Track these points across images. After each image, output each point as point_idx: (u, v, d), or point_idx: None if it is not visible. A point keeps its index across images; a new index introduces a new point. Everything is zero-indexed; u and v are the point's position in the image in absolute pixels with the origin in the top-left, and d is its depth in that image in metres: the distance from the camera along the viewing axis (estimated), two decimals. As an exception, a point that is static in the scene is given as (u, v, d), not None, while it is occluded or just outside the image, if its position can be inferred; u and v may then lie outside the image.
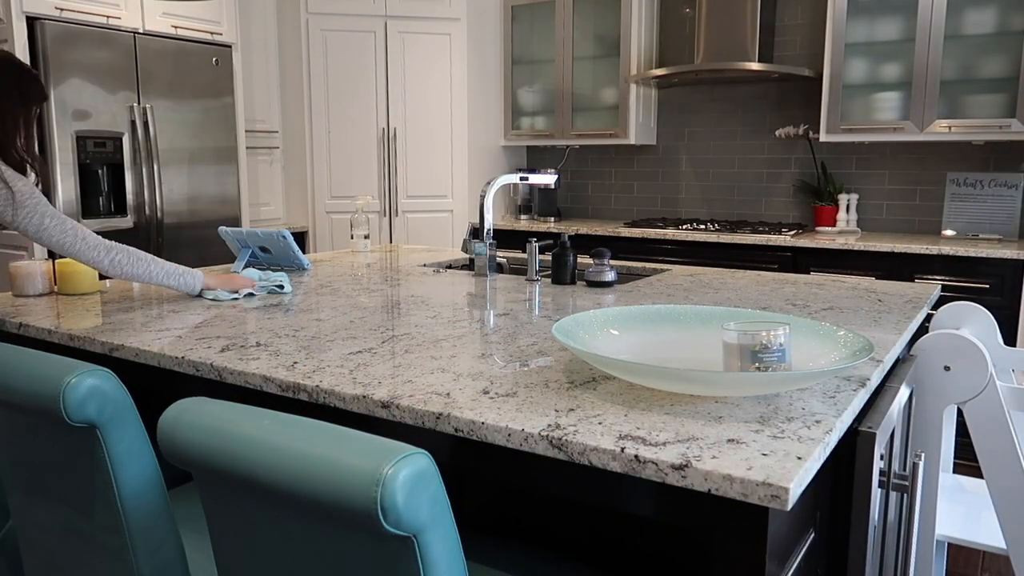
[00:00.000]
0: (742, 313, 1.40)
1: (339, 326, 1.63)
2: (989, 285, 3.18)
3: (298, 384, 1.23)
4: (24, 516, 1.30)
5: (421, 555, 0.81)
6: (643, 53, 4.27)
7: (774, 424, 1.03)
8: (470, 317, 1.74)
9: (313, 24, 4.20)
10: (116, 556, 1.16)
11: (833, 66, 3.63)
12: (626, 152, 4.62)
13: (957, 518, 1.93)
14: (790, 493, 0.84)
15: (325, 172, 4.34)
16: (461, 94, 4.41)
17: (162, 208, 3.71)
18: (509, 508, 1.51)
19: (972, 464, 3.01)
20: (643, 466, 0.92)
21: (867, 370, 1.28)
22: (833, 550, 1.25)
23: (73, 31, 3.31)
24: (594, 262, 2.14)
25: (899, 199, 3.85)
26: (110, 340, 1.52)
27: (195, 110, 3.83)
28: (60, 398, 1.06)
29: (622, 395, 1.15)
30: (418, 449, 0.81)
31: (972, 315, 1.98)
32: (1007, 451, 1.70)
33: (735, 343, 1.15)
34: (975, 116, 3.39)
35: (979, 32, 3.35)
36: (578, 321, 1.34)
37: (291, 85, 4.34)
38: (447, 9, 4.31)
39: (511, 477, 1.06)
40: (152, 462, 1.15)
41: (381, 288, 2.14)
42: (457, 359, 1.36)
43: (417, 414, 1.10)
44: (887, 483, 1.36)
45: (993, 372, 1.71)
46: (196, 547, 1.34)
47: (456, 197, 4.49)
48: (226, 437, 0.90)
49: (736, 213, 4.31)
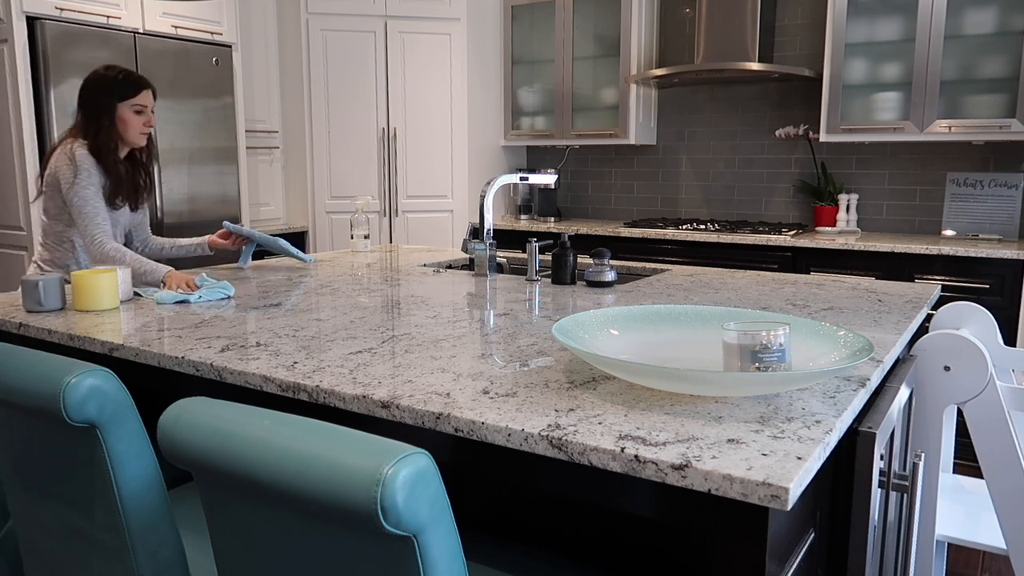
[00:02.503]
0: (742, 313, 1.40)
1: (339, 326, 1.63)
2: (989, 285, 3.18)
3: (298, 384, 1.23)
4: (24, 516, 1.30)
5: (421, 555, 0.81)
6: (643, 53, 4.27)
7: (774, 424, 1.03)
8: (470, 317, 1.74)
9: (313, 24, 4.20)
10: (116, 556, 1.16)
11: (833, 66, 3.63)
12: (626, 152, 4.62)
13: (957, 518, 1.93)
14: (790, 493, 0.84)
15: (325, 172, 4.34)
16: (461, 94, 4.41)
17: (162, 208, 3.71)
18: (509, 508, 1.51)
19: (972, 464, 3.01)
20: (643, 466, 0.92)
21: (867, 370, 1.28)
22: (833, 550, 1.25)
23: (73, 31, 3.31)
24: (594, 262, 2.14)
25: (899, 199, 3.85)
26: (110, 340, 1.52)
27: (195, 110, 3.83)
28: (60, 398, 1.06)
29: (622, 395, 1.15)
30: (418, 449, 0.81)
31: (972, 315, 1.98)
32: (1007, 451, 1.70)
33: (735, 343, 1.15)
34: (975, 116, 3.39)
35: (979, 32, 3.35)
36: (578, 321, 1.34)
37: (291, 85, 4.34)
38: (447, 9, 4.31)
39: (511, 477, 1.06)
40: (152, 462, 1.15)
41: (381, 288, 2.14)
42: (457, 359, 1.36)
43: (417, 414, 1.10)
44: (887, 483, 1.36)
45: (993, 372, 1.71)
46: (196, 547, 1.34)
47: (456, 197, 4.49)
48: (226, 437, 0.90)
49: (736, 213, 4.31)
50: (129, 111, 2.25)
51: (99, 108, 2.23)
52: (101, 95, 2.23)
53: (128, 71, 2.27)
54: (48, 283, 1.80)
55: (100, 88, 2.24)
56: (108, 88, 2.23)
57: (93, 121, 2.23)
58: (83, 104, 2.25)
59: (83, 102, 2.25)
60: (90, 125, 2.23)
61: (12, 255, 3.49)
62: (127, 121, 2.25)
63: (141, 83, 2.27)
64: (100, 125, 2.23)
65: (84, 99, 2.25)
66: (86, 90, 2.25)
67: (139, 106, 2.26)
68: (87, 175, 2.19)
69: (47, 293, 1.81)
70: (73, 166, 2.18)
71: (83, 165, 2.19)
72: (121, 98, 2.24)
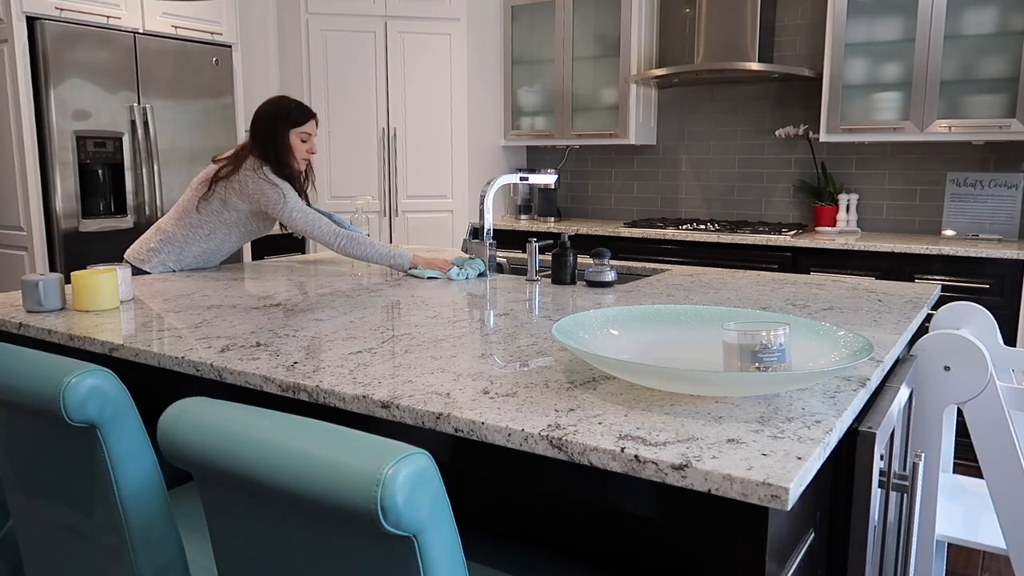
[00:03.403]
0: (742, 313, 1.40)
1: (339, 326, 1.63)
2: (989, 285, 3.18)
3: (298, 384, 1.23)
4: (24, 516, 1.30)
5: (421, 555, 0.81)
6: (643, 53, 4.27)
7: (774, 424, 1.03)
8: (470, 317, 1.74)
9: (313, 24, 4.20)
10: (116, 556, 1.16)
11: (833, 66, 3.63)
12: (626, 152, 4.62)
13: (957, 518, 1.93)
14: (790, 493, 0.84)
15: (325, 172, 4.34)
16: (461, 94, 4.41)
17: (162, 208, 3.71)
18: (509, 508, 1.51)
19: (972, 464, 3.01)
20: (643, 466, 0.92)
21: (867, 370, 1.28)
22: (833, 550, 1.25)
23: (73, 31, 3.31)
24: (594, 262, 2.14)
25: (899, 199, 3.85)
26: (110, 340, 1.52)
27: (195, 110, 3.83)
28: (60, 398, 1.06)
29: (622, 395, 1.15)
30: (418, 449, 0.81)
31: (972, 315, 1.98)
32: (1007, 451, 1.70)
33: (735, 343, 1.15)
34: (975, 116, 3.39)
35: (979, 32, 3.35)
36: (578, 321, 1.34)
37: (291, 85, 4.34)
38: (447, 9, 4.31)
39: (511, 477, 1.06)
40: (152, 462, 1.15)
41: (381, 288, 2.14)
42: (457, 359, 1.36)
43: (417, 414, 1.10)
44: (887, 483, 1.36)
45: (993, 372, 1.71)
46: (196, 547, 1.34)
47: (456, 197, 4.49)
48: (226, 437, 0.90)
49: (736, 213, 4.31)
50: (296, 138, 2.43)
51: (274, 134, 2.41)
52: (276, 120, 2.43)
53: (299, 102, 2.48)
54: (48, 283, 1.80)
55: (275, 116, 2.43)
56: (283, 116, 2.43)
57: (271, 146, 2.41)
58: (258, 131, 2.44)
59: (258, 129, 2.44)
60: (268, 149, 2.41)
61: (12, 255, 3.49)
62: (295, 147, 2.45)
63: (308, 113, 2.47)
64: (277, 148, 2.42)
65: (260, 126, 2.44)
66: (263, 116, 2.44)
67: (305, 134, 2.46)
68: (292, 192, 2.41)
69: (47, 293, 1.80)
70: (277, 189, 2.37)
71: (284, 186, 2.39)
72: (293, 125, 2.43)
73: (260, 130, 2.43)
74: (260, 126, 2.43)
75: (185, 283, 2.22)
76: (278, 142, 2.41)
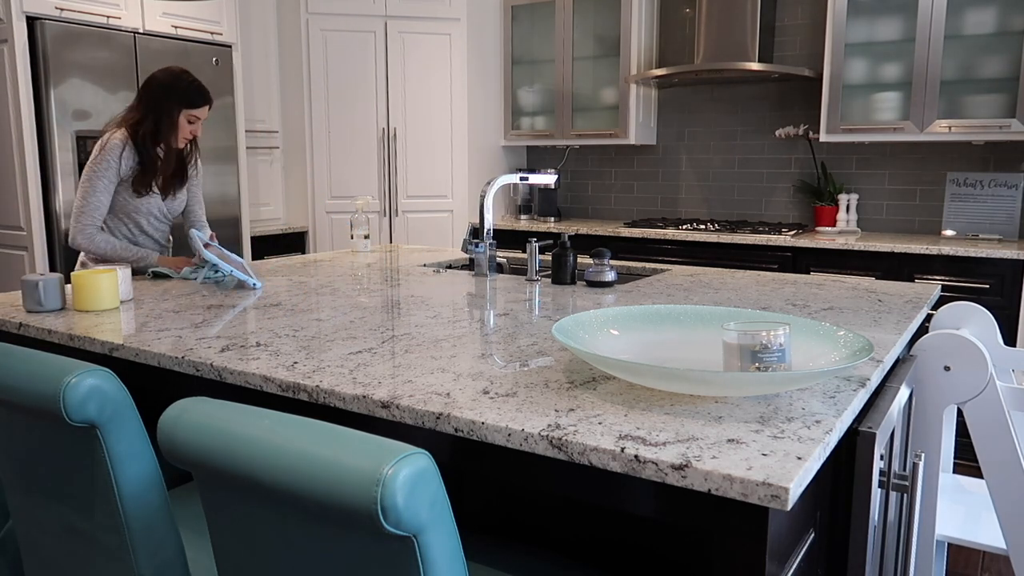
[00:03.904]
0: (742, 313, 1.40)
1: (339, 326, 1.63)
2: (989, 285, 3.18)
3: (298, 384, 1.23)
4: (24, 516, 1.30)
5: (421, 555, 0.81)
6: (643, 53, 4.27)
7: (774, 424, 1.03)
8: (470, 317, 1.74)
9: (313, 24, 4.20)
10: (116, 556, 1.16)
11: (833, 66, 3.63)
12: (626, 152, 4.62)
13: (957, 518, 1.93)
14: (790, 493, 0.84)
15: (325, 172, 4.34)
16: (461, 94, 4.41)
17: (162, 208, 3.71)
18: (509, 508, 1.51)
19: (972, 464, 3.01)
20: (643, 466, 0.92)
21: (867, 370, 1.28)
22: (833, 550, 1.25)
23: (73, 31, 3.31)
24: (594, 262, 2.14)
25: (899, 199, 3.85)
26: (110, 340, 1.52)
27: (195, 110, 3.83)
28: (60, 398, 1.06)
29: (622, 395, 1.15)
30: (418, 449, 0.81)
31: (972, 315, 1.98)
32: (1007, 451, 1.70)
33: (735, 343, 1.15)
34: (975, 116, 3.39)
35: (979, 32, 3.35)
36: (578, 321, 1.34)
37: (291, 85, 4.34)
38: (447, 9, 4.31)
39: (511, 477, 1.06)
40: (152, 462, 1.15)
41: (381, 288, 2.14)
42: (457, 359, 1.36)
43: (417, 414, 1.10)
44: (887, 483, 1.36)
45: (993, 372, 1.71)
46: (196, 547, 1.34)
47: (456, 197, 4.49)
48: (226, 437, 0.90)
49: (736, 213, 4.31)
50: (184, 119, 2.37)
51: (160, 108, 2.33)
52: (170, 95, 2.33)
53: (199, 83, 2.39)
54: (48, 283, 1.80)
55: (170, 91, 2.34)
56: (178, 93, 2.34)
57: (154, 117, 2.33)
58: (146, 99, 2.34)
59: (148, 97, 2.34)
60: (148, 119, 2.33)
61: (12, 255, 3.49)
62: (180, 126, 2.38)
63: (206, 98, 2.40)
64: (159, 122, 2.33)
65: (151, 95, 2.33)
66: (156, 87, 2.34)
67: (195, 117, 2.38)
68: (107, 165, 2.30)
69: (47, 293, 1.80)
70: (107, 161, 2.30)
71: (112, 155, 2.30)
72: (187, 106, 2.36)
73: (149, 99, 2.34)
74: (151, 95, 2.34)
75: (185, 283, 2.22)
76: (163, 117, 2.33)
